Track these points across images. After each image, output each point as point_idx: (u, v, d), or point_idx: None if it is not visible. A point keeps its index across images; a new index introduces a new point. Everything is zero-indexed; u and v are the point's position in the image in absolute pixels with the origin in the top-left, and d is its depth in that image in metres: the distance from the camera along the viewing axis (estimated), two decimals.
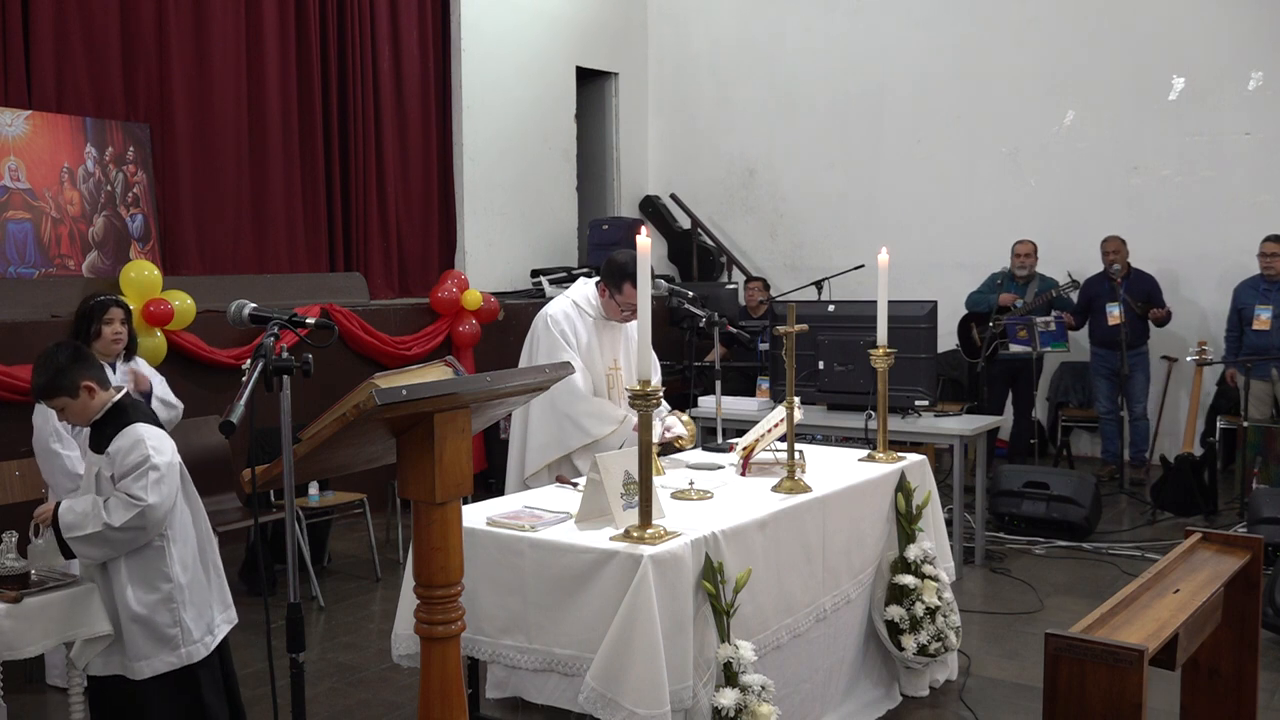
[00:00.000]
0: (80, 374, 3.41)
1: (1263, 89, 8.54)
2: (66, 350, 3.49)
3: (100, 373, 3.50)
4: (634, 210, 11.12)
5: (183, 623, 3.44)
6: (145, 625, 3.40)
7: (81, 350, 3.54)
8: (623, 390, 4.46)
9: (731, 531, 3.31)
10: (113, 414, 3.45)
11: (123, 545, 3.36)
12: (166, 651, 3.42)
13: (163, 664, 3.42)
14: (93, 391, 3.43)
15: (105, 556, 3.39)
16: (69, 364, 3.41)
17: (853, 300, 7.19)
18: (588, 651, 3.07)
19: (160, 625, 3.41)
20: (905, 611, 4.14)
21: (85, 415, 3.46)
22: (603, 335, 4.48)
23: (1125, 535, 6.89)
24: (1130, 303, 8.00)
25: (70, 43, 6.85)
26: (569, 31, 10.27)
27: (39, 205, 6.60)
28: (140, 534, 3.35)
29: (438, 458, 2.46)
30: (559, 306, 4.44)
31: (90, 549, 3.36)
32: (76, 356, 3.46)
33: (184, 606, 3.45)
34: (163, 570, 3.43)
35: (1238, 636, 3.21)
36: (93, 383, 3.43)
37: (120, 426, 3.41)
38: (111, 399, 3.47)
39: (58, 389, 3.41)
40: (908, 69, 9.88)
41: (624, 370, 4.54)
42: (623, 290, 4.33)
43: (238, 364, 6.38)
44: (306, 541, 5.92)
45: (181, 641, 3.44)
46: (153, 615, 3.40)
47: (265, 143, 7.89)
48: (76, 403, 3.43)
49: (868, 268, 8.13)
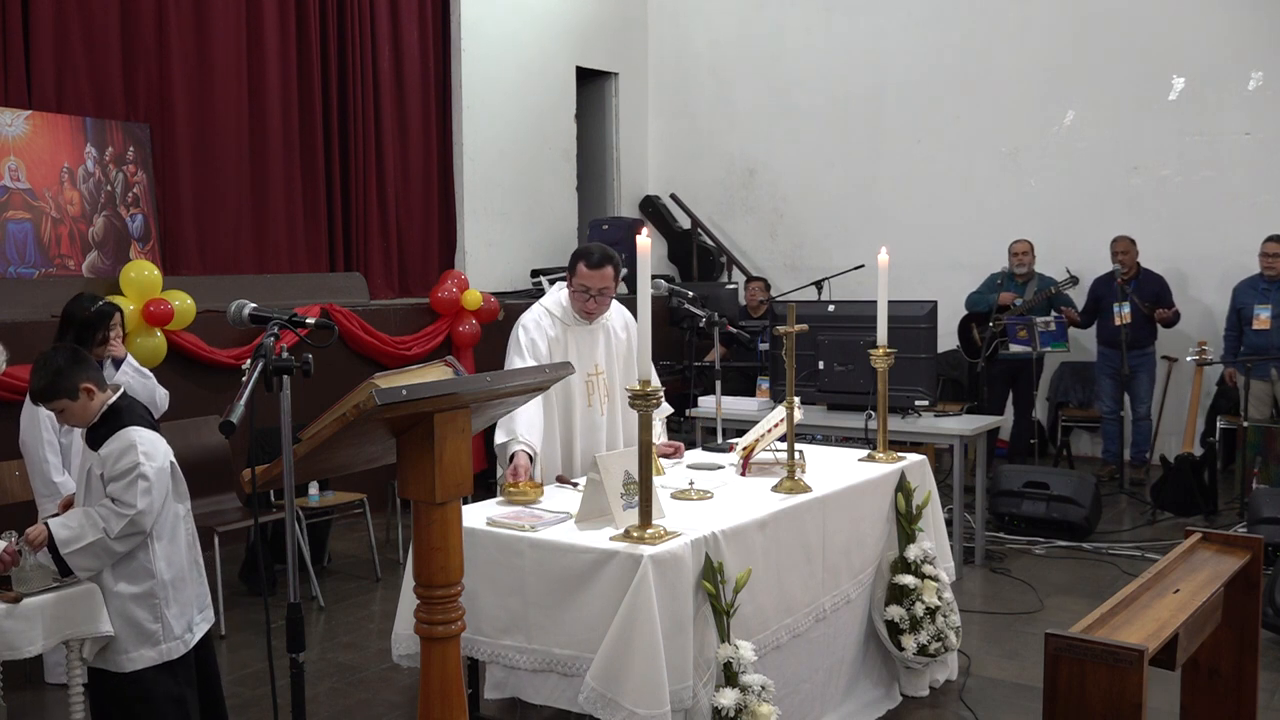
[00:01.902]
0: (79, 376, 3.44)
1: (1263, 89, 8.54)
2: (65, 353, 3.52)
3: (98, 374, 3.54)
4: (634, 210, 11.12)
5: (164, 619, 3.49)
6: (128, 621, 3.45)
7: (80, 353, 3.58)
8: (605, 395, 4.27)
9: (731, 531, 3.31)
10: (109, 415, 3.49)
11: (116, 554, 3.43)
12: (147, 647, 3.47)
13: (144, 659, 3.47)
14: (91, 393, 3.46)
15: (101, 566, 3.44)
16: (68, 366, 3.44)
17: (853, 300, 7.19)
18: (587, 651, 3.07)
19: (142, 621, 3.46)
20: (905, 611, 4.14)
21: (84, 417, 3.49)
22: (579, 340, 4.21)
23: (1125, 535, 6.89)
24: (1138, 303, 8.00)
25: (70, 43, 6.85)
26: (569, 31, 10.27)
27: (39, 205, 6.60)
28: (132, 540, 3.43)
29: (438, 458, 2.46)
30: (532, 315, 4.20)
31: (88, 560, 3.40)
32: (75, 359, 3.49)
33: (166, 603, 3.50)
34: (146, 566, 3.48)
35: (1238, 636, 3.21)
36: (92, 385, 3.46)
37: (115, 428, 3.45)
38: (109, 400, 3.51)
39: (58, 391, 3.44)
40: (908, 69, 9.89)
41: (607, 375, 4.30)
42: (576, 272, 4.09)
43: (238, 364, 6.37)
44: (306, 541, 5.92)
45: (162, 638, 3.49)
46: (135, 611, 3.45)
47: (265, 143, 7.89)
48: (76, 404, 3.46)
49: (868, 268, 8.12)
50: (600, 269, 4.07)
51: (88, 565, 3.41)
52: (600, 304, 4.15)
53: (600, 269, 4.07)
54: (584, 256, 4.09)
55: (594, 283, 4.08)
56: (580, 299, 4.14)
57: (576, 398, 4.20)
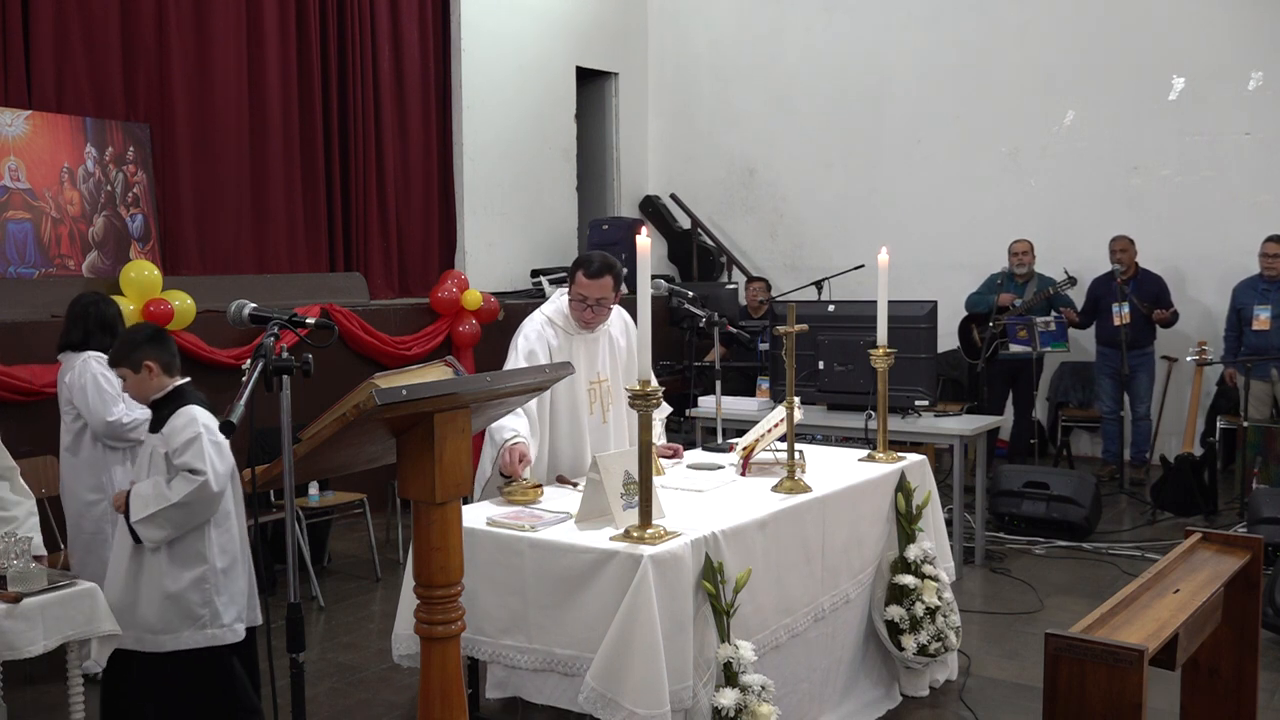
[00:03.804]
0: (148, 353, 3.63)
1: (1263, 89, 8.54)
2: (147, 330, 3.76)
3: (170, 359, 3.69)
4: (634, 210, 11.12)
5: (213, 604, 3.56)
6: (176, 602, 3.54)
7: (162, 334, 3.76)
8: (608, 404, 4.22)
9: (731, 531, 3.31)
10: (171, 396, 3.65)
11: (184, 522, 3.51)
12: (193, 629, 3.54)
13: (188, 640, 3.54)
14: (152, 371, 3.63)
15: (169, 536, 3.53)
16: (143, 342, 3.66)
17: (853, 300, 7.19)
18: (588, 651, 3.08)
19: (191, 604, 3.54)
20: (905, 611, 4.14)
21: (142, 392, 3.67)
22: (579, 348, 4.13)
23: (1125, 535, 6.89)
24: (1137, 303, 8.00)
25: (70, 43, 6.85)
26: (569, 31, 10.27)
27: (39, 205, 6.60)
28: (201, 507, 3.50)
29: (438, 458, 2.46)
30: (534, 324, 4.12)
31: (153, 530, 3.51)
32: (155, 338, 3.70)
33: (217, 590, 3.58)
34: (200, 551, 3.57)
35: (1238, 636, 3.21)
36: (155, 364, 3.63)
37: (177, 407, 3.60)
38: (173, 384, 3.67)
39: (123, 359, 3.66)
40: (908, 69, 9.89)
41: (611, 382, 4.23)
42: (575, 280, 4.03)
43: (238, 364, 6.37)
44: (306, 541, 5.92)
45: (209, 622, 3.56)
46: (185, 594, 3.54)
47: (265, 143, 7.89)
48: (136, 377, 3.65)
49: (868, 268, 8.12)
50: (599, 278, 3.99)
51: (152, 535, 3.51)
52: (599, 314, 4.08)
53: (599, 278, 3.99)
54: (583, 265, 4.03)
55: (592, 292, 4.01)
56: (578, 308, 4.07)
57: (581, 407, 4.14)
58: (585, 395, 4.15)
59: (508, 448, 3.78)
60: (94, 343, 4.61)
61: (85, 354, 4.57)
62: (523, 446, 3.79)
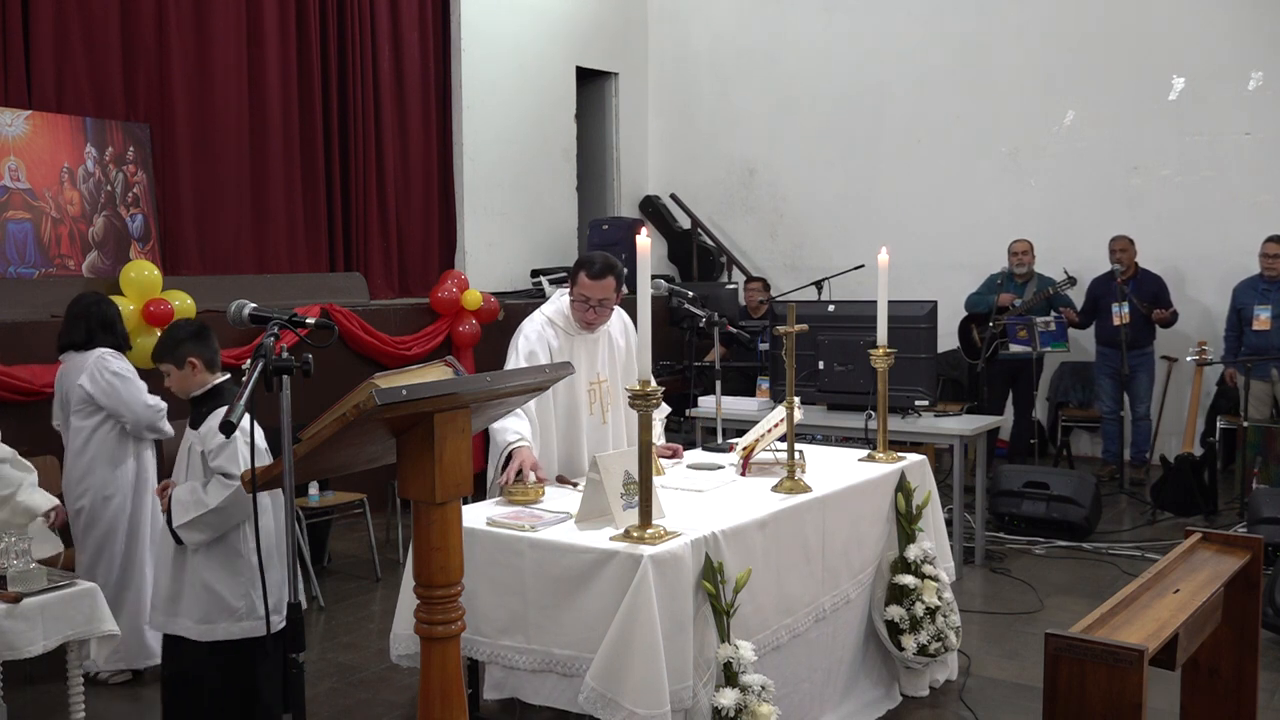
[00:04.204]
0: (191, 350, 3.68)
1: (1263, 89, 8.54)
2: (192, 326, 3.78)
3: (213, 355, 3.74)
4: (634, 210, 11.12)
5: (249, 597, 3.60)
6: (212, 594, 3.58)
7: (205, 330, 3.78)
8: (608, 405, 4.21)
9: (731, 531, 3.31)
10: (212, 394, 3.69)
11: (221, 525, 3.56)
12: (229, 620, 3.57)
13: (222, 631, 3.58)
14: (195, 368, 3.68)
15: (208, 538, 3.58)
16: (187, 338, 3.71)
17: (853, 300, 7.19)
18: (587, 652, 3.07)
19: (226, 597, 3.58)
20: (905, 611, 4.14)
21: (185, 387, 3.70)
22: (579, 349, 4.13)
23: (1125, 535, 6.89)
24: (1137, 303, 8.00)
25: (70, 43, 6.85)
26: (569, 31, 10.27)
27: (39, 205, 6.60)
28: (236, 510, 3.54)
29: (438, 458, 2.46)
30: (534, 324, 4.11)
31: (193, 534, 3.56)
32: (199, 335, 3.74)
33: (253, 583, 3.60)
34: (237, 548, 3.61)
35: (1238, 636, 3.21)
36: (198, 361, 3.68)
37: (215, 406, 3.64)
38: (214, 381, 3.72)
39: (167, 355, 3.70)
40: (908, 69, 9.89)
41: (611, 383, 4.23)
42: (577, 281, 4.02)
43: (238, 364, 6.35)
44: (306, 541, 5.92)
45: (245, 614, 3.59)
46: (221, 587, 3.58)
47: (265, 143, 7.89)
48: (180, 373, 3.69)
49: (868, 268, 8.12)
50: (601, 279, 3.99)
51: (193, 538, 3.55)
52: (600, 315, 4.07)
53: (601, 279, 3.99)
54: (585, 265, 4.02)
55: (594, 293, 4.00)
56: (580, 309, 4.06)
57: (580, 407, 4.13)
58: (585, 396, 4.15)
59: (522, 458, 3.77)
60: (97, 342, 4.61)
61: (95, 351, 4.57)
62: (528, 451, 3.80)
